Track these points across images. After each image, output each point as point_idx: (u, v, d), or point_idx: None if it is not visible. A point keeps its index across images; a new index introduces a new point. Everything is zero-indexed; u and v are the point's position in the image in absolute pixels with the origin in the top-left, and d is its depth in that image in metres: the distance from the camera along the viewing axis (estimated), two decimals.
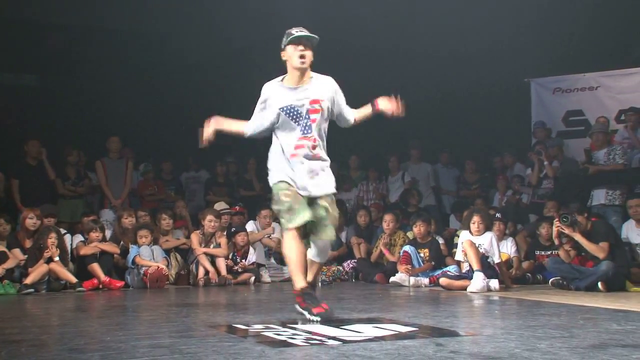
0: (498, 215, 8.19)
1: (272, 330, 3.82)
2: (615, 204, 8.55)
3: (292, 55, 4.40)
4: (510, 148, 10.60)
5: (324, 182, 4.45)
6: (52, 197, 8.85)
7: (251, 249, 8.34)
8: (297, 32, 4.41)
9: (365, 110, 4.73)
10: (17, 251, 7.48)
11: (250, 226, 8.81)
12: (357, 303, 5.69)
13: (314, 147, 4.40)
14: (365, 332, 3.72)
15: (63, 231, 7.93)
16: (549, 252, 7.83)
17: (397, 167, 10.59)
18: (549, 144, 9.82)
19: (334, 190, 4.51)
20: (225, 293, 7.04)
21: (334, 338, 3.50)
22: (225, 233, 8.38)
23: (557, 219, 7.05)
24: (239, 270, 8.14)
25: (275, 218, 9.20)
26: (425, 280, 7.46)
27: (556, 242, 7.06)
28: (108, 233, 8.30)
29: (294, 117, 4.39)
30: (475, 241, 6.87)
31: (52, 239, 7.34)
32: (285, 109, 4.39)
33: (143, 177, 9.85)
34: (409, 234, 8.38)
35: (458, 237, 7.57)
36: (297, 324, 4.09)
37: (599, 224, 7.10)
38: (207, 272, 7.93)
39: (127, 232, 8.16)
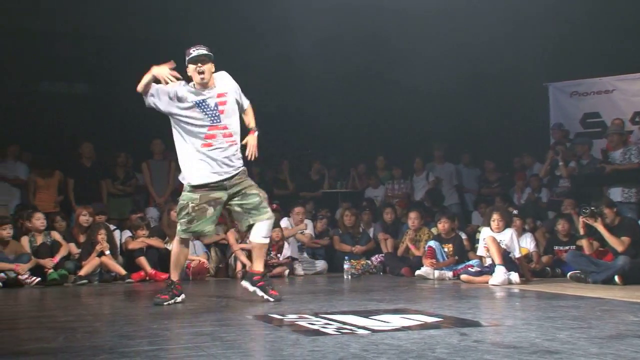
0: (515, 212, 8.10)
1: (306, 320, 3.82)
2: (631, 202, 8.41)
3: (193, 74, 4.73)
4: (529, 149, 10.47)
5: (237, 163, 4.82)
6: (102, 196, 9.02)
7: (285, 244, 8.36)
8: (194, 51, 4.73)
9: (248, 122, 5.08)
10: (71, 245, 7.63)
11: (284, 222, 8.83)
12: (384, 295, 5.66)
13: (224, 135, 4.74)
14: (392, 322, 3.70)
15: (113, 227, 8.05)
16: (567, 247, 7.74)
17: (422, 167, 10.53)
18: (576, 142, 9.66)
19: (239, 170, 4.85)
20: None
21: (363, 327, 3.49)
22: None
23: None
24: (274, 264, 8.17)
25: (308, 215, 9.26)
26: (449, 274, 7.40)
27: (582, 232, 6.98)
28: None
29: (205, 109, 4.71)
30: (497, 237, 6.80)
31: (102, 235, 7.47)
32: (199, 102, 4.71)
33: None
34: (433, 230, 8.32)
35: (480, 233, 7.50)
36: (329, 314, 4.09)
37: (627, 220, 7.00)
38: (244, 266, 7.97)
39: (174, 225, 8.24)
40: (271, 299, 4.86)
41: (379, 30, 10.06)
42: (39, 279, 6.97)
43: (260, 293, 4.91)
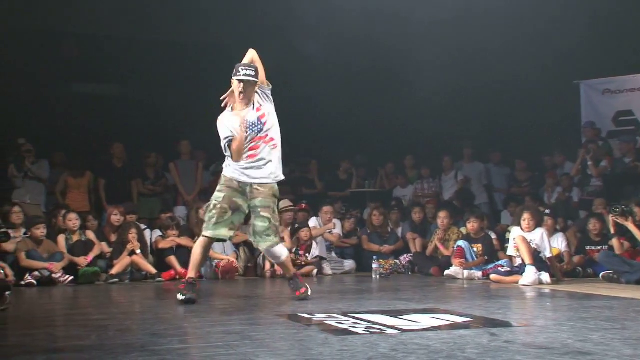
0: (547, 211, 8.01)
1: (334, 319, 3.82)
2: None
3: (235, 89, 4.96)
4: (560, 147, 10.32)
5: (266, 174, 4.95)
6: (133, 196, 9.13)
7: (314, 244, 8.37)
8: (242, 70, 4.88)
9: None
10: (103, 244, 7.74)
11: (312, 222, 8.84)
12: (413, 294, 5.64)
13: (266, 142, 4.93)
14: (422, 322, 3.69)
15: (143, 227, 8.14)
16: (599, 247, 7.62)
17: (451, 166, 10.45)
18: (621, 139, 9.50)
19: (270, 181, 4.98)
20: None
21: (392, 327, 3.48)
22: (289, 229, 8.43)
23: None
24: (303, 263, 8.18)
25: (336, 215, 9.26)
26: (479, 274, 7.34)
27: (612, 231, 6.88)
28: None
29: (250, 127, 4.90)
30: (527, 237, 6.72)
31: (133, 234, 7.57)
32: (246, 124, 4.90)
33: (214, 176, 10.01)
34: (463, 230, 8.26)
35: (510, 232, 7.43)
36: (358, 313, 4.09)
37: None
38: (273, 265, 8.00)
39: (202, 223, 8.30)
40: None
41: (410, 34, 10.02)
42: (72, 277, 7.09)
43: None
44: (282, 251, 5.18)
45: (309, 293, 5.05)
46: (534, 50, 10.30)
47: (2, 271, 6.56)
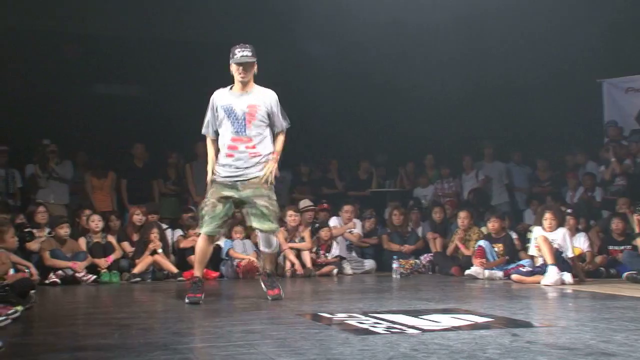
0: (569, 211, 7.93)
1: (355, 319, 3.82)
2: None
3: (234, 71, 4.92)
4: (582, 146, 10.21)
5: (253, 170, 4.89)
6: (154, 196, 9.19)
7: (334, 243, 8.37)
8: (239, 52, 4.84)
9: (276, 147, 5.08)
10: (125, 244, 7.81)
11: (333, 221, 8.84)
12: (434, 294, 5.62)
13: (247, 147, 4.87)
14: (442, 322, 3.67)
15: (165, 226, 8.20)
16: (621, 247, 7.53)
17: (471, 165, 10.38)
18: (630, 139, 9.38)
19: (259, 175, 4.91)
20: (310, 284, 7.09)
21: (413, 327, 3.47)
22: (309, 228, 8.45)
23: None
24: (323, 263, 8.19)
25: (357, 214, 9.25)
26: (500, 274, 7.30)
27: (637, 230, 6.81)
28: None
29: (233, 119, 4.88)
30: (549, 237, 6.66)
31: (154, 234, 7.63)
32: (224, 107, 4.90)
33: None
34: (483, 229, 8.21)
35: (531, 232, 7.37)
36: (378, 313, 4.08)
37: None
38: (293, 264, 8.02)
39: None
40: (268, 298, 5.04)
41: (430, 33, 9.98)
42: (95, 276, 7.18)
43: (264, 289, 5.17)
44: (272, 243, 5.20)
45: (282, 295, 5.06)
46: (556, 48, 10.20)
47: (26, 270, 6.65)
